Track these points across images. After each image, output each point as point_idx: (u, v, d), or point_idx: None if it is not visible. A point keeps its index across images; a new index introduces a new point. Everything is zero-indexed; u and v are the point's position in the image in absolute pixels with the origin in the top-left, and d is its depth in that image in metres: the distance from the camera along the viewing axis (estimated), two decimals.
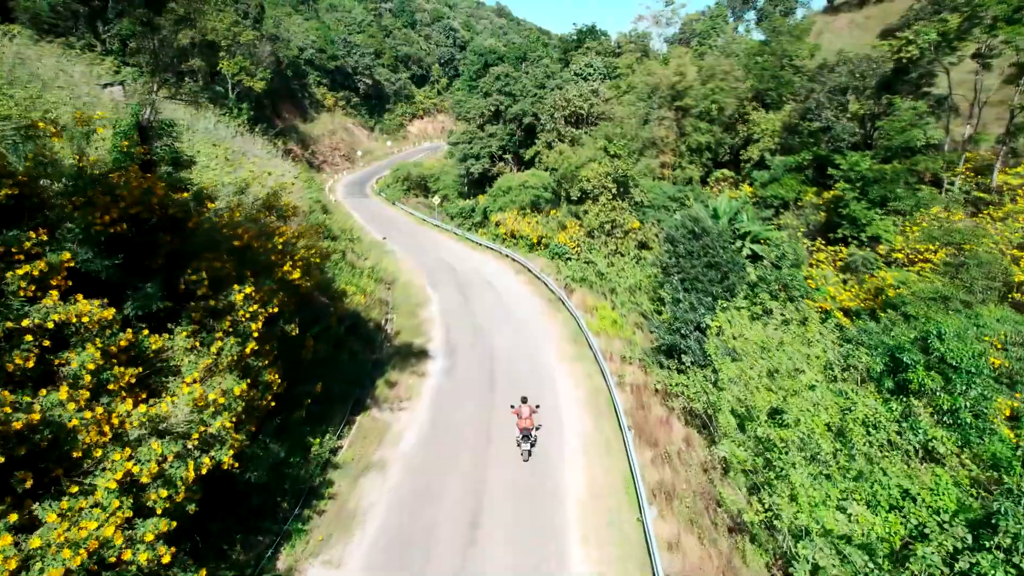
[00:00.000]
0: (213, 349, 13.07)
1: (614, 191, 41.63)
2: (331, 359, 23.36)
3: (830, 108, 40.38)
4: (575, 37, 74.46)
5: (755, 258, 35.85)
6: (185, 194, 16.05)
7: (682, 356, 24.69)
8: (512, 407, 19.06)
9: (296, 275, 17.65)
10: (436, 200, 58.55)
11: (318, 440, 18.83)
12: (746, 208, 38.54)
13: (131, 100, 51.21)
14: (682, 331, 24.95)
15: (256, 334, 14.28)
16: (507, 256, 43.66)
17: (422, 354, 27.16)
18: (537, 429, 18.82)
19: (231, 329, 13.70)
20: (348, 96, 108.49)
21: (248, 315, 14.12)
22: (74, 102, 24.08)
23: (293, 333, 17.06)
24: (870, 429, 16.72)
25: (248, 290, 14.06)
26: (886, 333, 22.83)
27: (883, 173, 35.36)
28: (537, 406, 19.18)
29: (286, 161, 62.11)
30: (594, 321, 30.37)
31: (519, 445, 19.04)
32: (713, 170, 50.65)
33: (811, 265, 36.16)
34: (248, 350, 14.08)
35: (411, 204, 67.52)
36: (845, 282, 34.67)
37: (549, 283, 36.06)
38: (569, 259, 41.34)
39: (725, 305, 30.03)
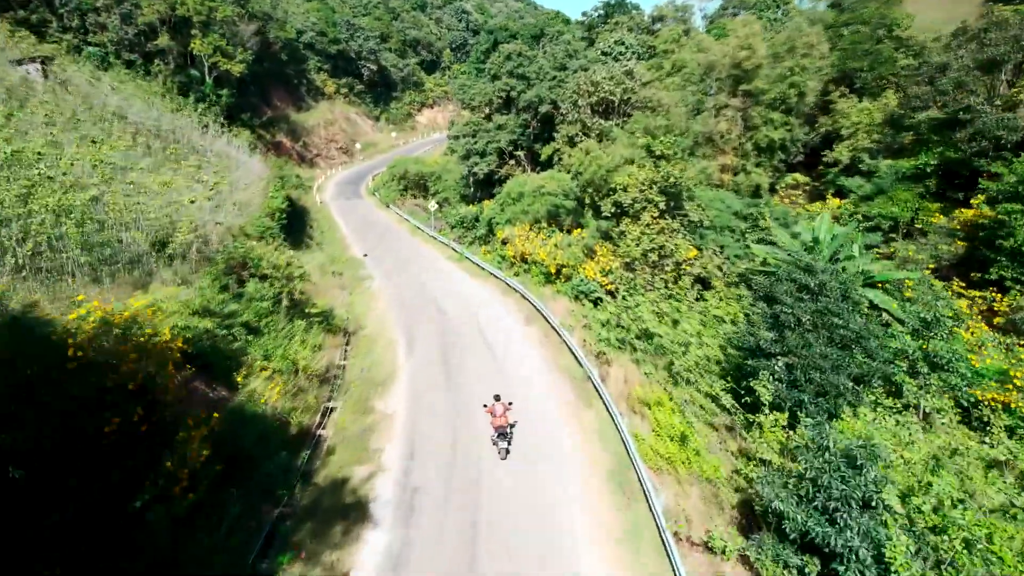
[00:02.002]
0: None
1: (662, 206, 29.18)
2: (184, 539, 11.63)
3: (975, 92, 27.28)
4: (601, 11, 61.17)
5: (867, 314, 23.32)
6: None
7: (832, 555, 12.37)
8: (485, 406, 17.72)
9: None
10: (432, 205, 46.41)
11: None
12: (856, 236, 25.83)
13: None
14: (831, 508, 12.53)
15: None
16: (515, 290, 31.40)
17: (358, 515, 14.89)
18: (512, 426, 17.76)
19: None
20: (351, 83, 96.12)
21: None
22: None
23: None
24: None
25: None
26: None
27: None
28: (510, 403, 17.95)
29: (255, 156, 50.16)
30: (647, 433, 18.11)
31: (495, 444, 17.39)
32: (784, 174, 37.79)
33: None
34: None
35: (407, 208, 55.38)
36: (1009, 349, 22.51)
37: (574, 347, 23.73)
38: (599, 300, 29.01)
39: (856, 407, 18.19)
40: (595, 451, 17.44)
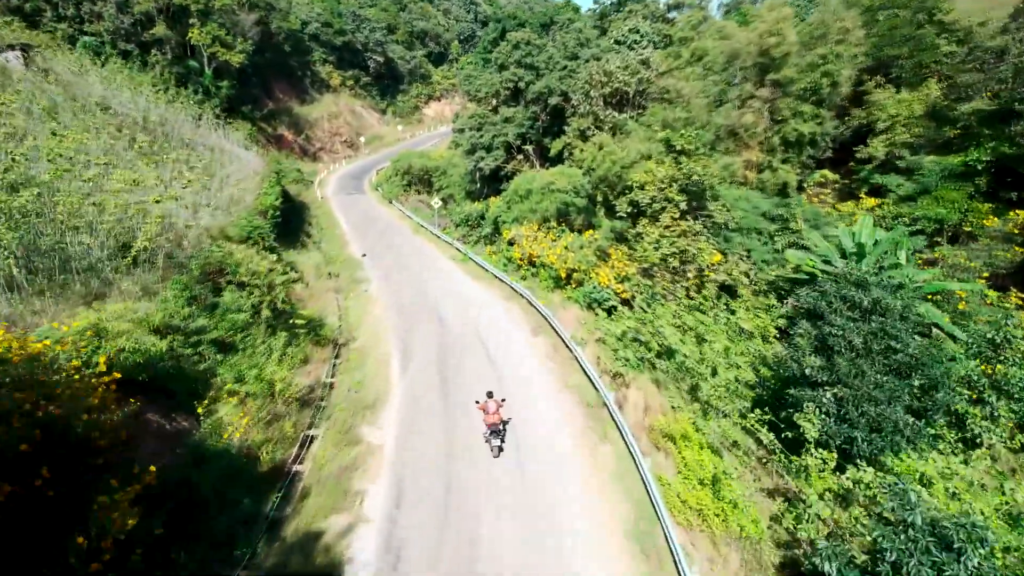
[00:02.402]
0: None
1: (683, 206, 26.37)
2: None
3: None
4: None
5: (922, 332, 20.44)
6: None
7: None
8: (477, 403, 16.85)
9: None
10: (436, 202, 43.70)
11: None
12: (902, 241, 22.91)
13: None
14: None
15: None
16: (521, 296, 28.70)
17: None
18: (506, 423, 17.47)
19: None
20: (357, 75, 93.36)
21: None
22: None
23: None
24: None
25: None
26: None
27: None
28: (503, 400, 17.10)
29: (252, 150, 47.70)
30: (673, 476, 15.44)
31: (487, 441, 16.64)
32: (811, 171, 34.77)
33: None
34: None
35: (410, 204, 52.72)
36: None
37: (586, 366, 21.01)
38: (613, 309, 26.28)
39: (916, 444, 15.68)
40: (613, 500, 14.72)
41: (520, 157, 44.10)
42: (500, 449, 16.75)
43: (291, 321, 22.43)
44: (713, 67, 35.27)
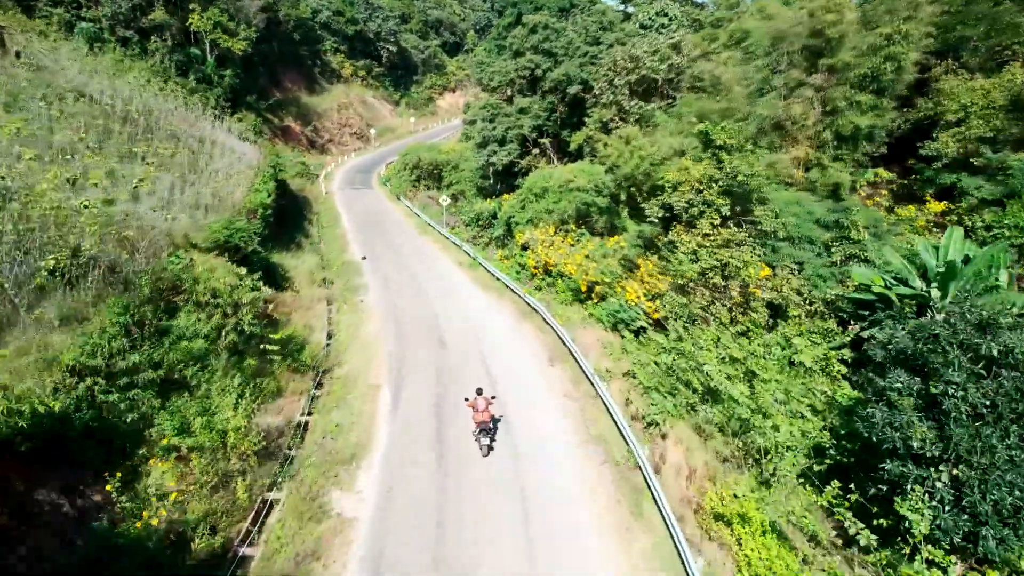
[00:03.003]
0: None
1: (725, 211, 22.24)
2: None
3: None
4: None
5: None
6: None
7: None
8: (466, 400, 15.46)
9: None
10: (444, 199, 39.86)
11: None
12: (1000, 258, 18.63)
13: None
14: None
15: None
16: (536, 312, 24.78)
17: None
18: (497, 421, 16.36)
19: None
20: (369, 65, 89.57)
21: None
22: None
23: None
24: None
25: None
26: None
27: None
28: (493, 397, 16.04)
29: (249, 142, 44.17)
30: None
31: (477, 440, 15.36)
32: (865, 170, 30.32)
33: None
34: None
35: (419, 200, 48.91)
36: None
37: (613, 410, 17.07)
38: (642, 331, 22.28)
39: None
40: None
41: (536, 151, 40.05)
42: (490, 448, 15.64)
43: (262, 346, 18.75)
44: (755, 51, 30.85)
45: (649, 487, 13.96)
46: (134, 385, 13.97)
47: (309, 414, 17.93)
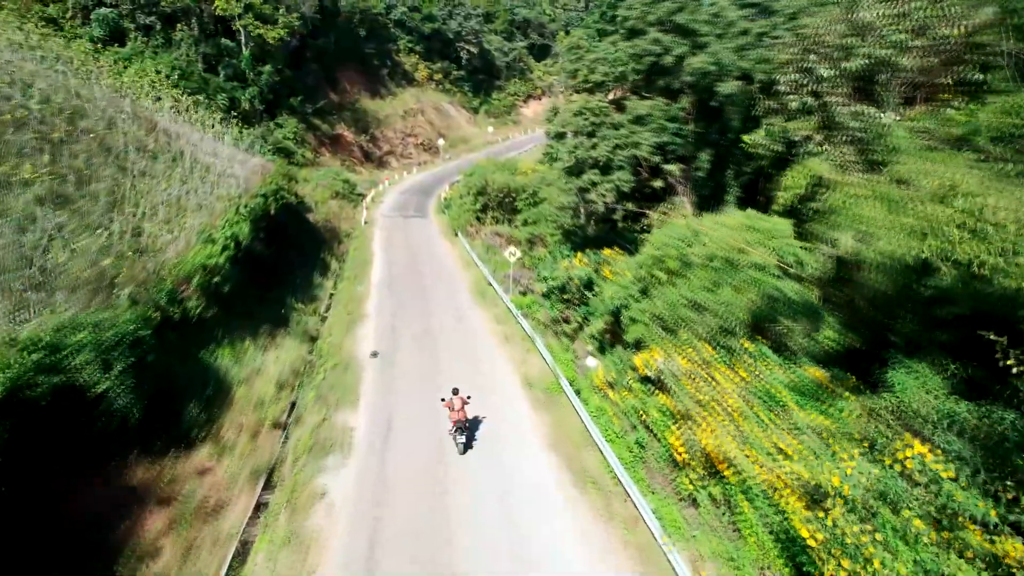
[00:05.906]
0: None
1: None
2: None
3: None
4: None
5: None
6: None
7: None
8: (443, 400, 14.75)
9: None
10: (511, 252, 25.67)
11: None
12: None
13: None
14: None
15: None
16: None
17: None
18: (470, 421, 15.08)
19: None
20: (447, 68, 77.14)
21: None
22: None
23: None
24: None
25: None
26: None
27: None
28: (469, 397, 15.02)
29: (255, 155, 31.73)
30: None
31: (453, 438, 14.72)
32: None
33: None
34: None
35: (483, 238, 34.95)
36: None
37: None
38: None
39: None
40: None
41: (658, 183, 24.85)
42: (466, 446, 14.63)
43: None
44: None
45: None
46: None
47: None
